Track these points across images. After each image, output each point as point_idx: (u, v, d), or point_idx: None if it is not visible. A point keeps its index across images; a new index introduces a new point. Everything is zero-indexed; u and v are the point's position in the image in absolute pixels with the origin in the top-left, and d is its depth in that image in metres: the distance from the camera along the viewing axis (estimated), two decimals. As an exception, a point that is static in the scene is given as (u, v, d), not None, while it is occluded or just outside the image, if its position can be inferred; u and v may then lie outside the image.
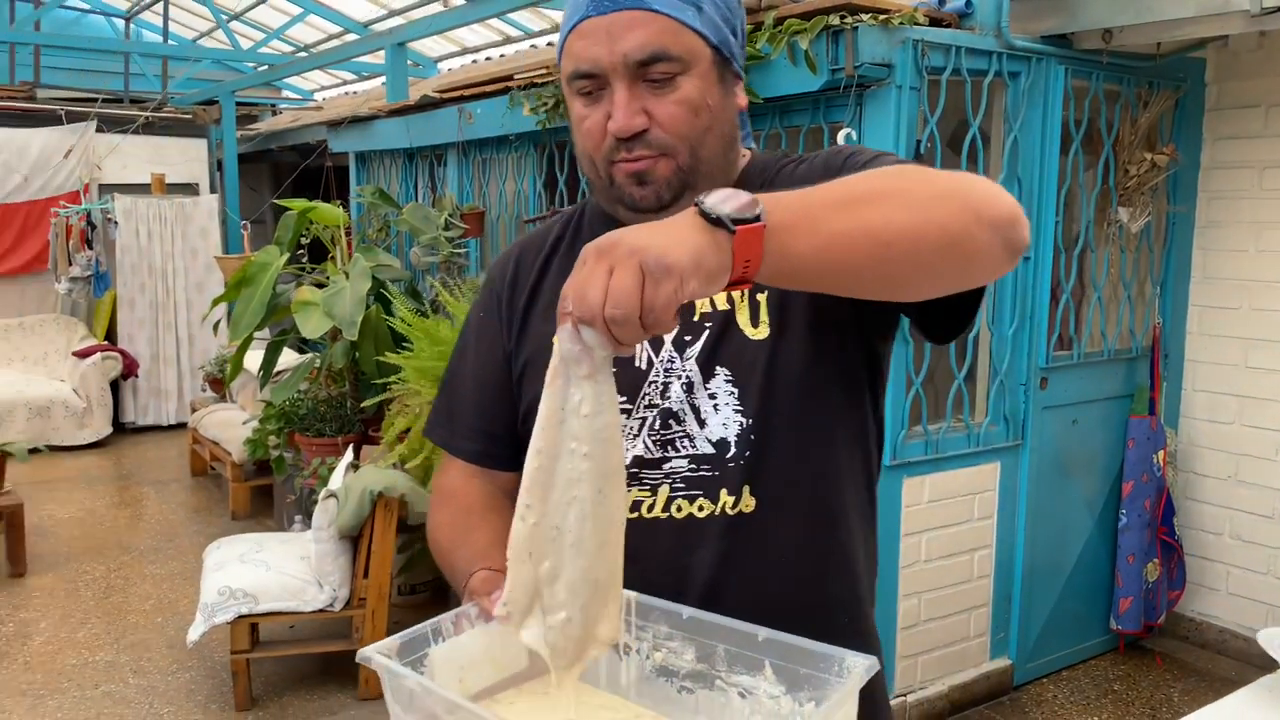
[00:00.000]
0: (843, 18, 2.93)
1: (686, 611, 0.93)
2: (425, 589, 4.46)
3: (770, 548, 1.08)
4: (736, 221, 0.79)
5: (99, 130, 7.97)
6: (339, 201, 5.50)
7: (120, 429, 7.82)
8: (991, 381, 3.49)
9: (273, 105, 9.48)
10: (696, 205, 0.81)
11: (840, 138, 3.09)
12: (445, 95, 5.21)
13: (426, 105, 5.39)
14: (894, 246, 0.86)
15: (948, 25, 3.16)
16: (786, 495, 1.08)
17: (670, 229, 0.79)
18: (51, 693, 3.72)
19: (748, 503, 1.06)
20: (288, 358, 5.86)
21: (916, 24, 3.03)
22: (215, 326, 6.30)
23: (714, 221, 0.79)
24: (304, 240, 5.19)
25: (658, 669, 0.96)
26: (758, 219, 0.80)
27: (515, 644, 0.90)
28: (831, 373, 1.10)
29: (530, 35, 7.07)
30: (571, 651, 0.88)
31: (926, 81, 3.07)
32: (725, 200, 0.80)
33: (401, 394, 4.02)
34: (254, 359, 5.54)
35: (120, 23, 9.35)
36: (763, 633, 0.89)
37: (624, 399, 1.09)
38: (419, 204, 5.19)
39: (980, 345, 3.54)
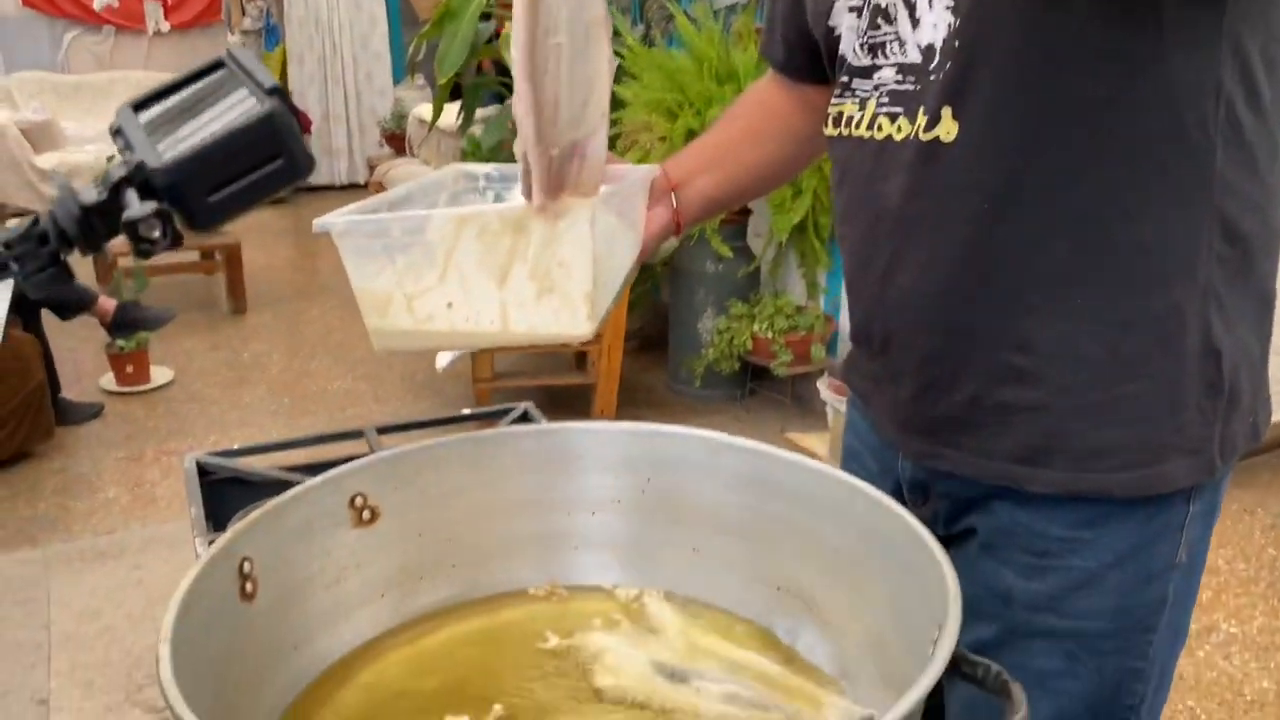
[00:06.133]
0: None
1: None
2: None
3: (964, 200, 0.86)
4: None
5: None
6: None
7: (295, 188, 7.94)
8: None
9: None
10: None
11: None
12: None
13: None
14: None
15: None
16: (993, 133, 0.84)
17: None
18: (302, 414, 3.89)
19: (947, 129, 0.85)
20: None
21: None
22: (411, 67, 6.19)
23: None
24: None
25: None
26: None
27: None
28: None
29: None
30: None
31: None
32: None
33: (630, 129, 3.86)
34: (426, 112, 5.45)
35: None
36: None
37: None
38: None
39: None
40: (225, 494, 1.16)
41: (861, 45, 0.92)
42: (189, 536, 1.09)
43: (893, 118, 0.89)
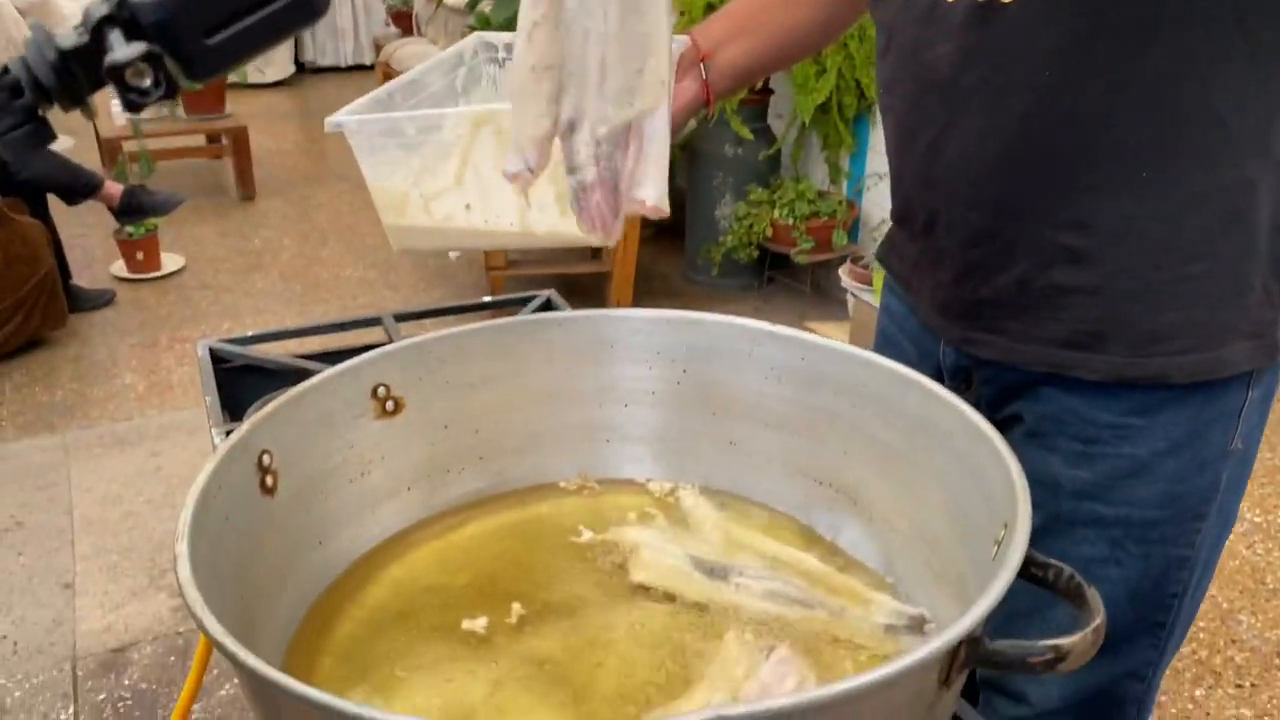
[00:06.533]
0: None
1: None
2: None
3: (1022, 66, 0.79)
4: None
5: None
6: None
7: (300, 69, 7.74)
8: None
9: None
10: None
11: None
12: None
13: None
14: None
15: None
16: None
17: None
18: (315, 302, 3.85)
19: None
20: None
21: None
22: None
23: None
24: None
25: None
26: None
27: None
28: None
29: None
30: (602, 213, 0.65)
31: None
32: None
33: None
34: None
35: None
36: None
37: None
38: None
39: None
40: (241, 382, 1.13)
41: None
42: (206, 424, 1.06)
43: None
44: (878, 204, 3.50)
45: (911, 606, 0.74)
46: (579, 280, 3.79)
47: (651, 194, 0.63)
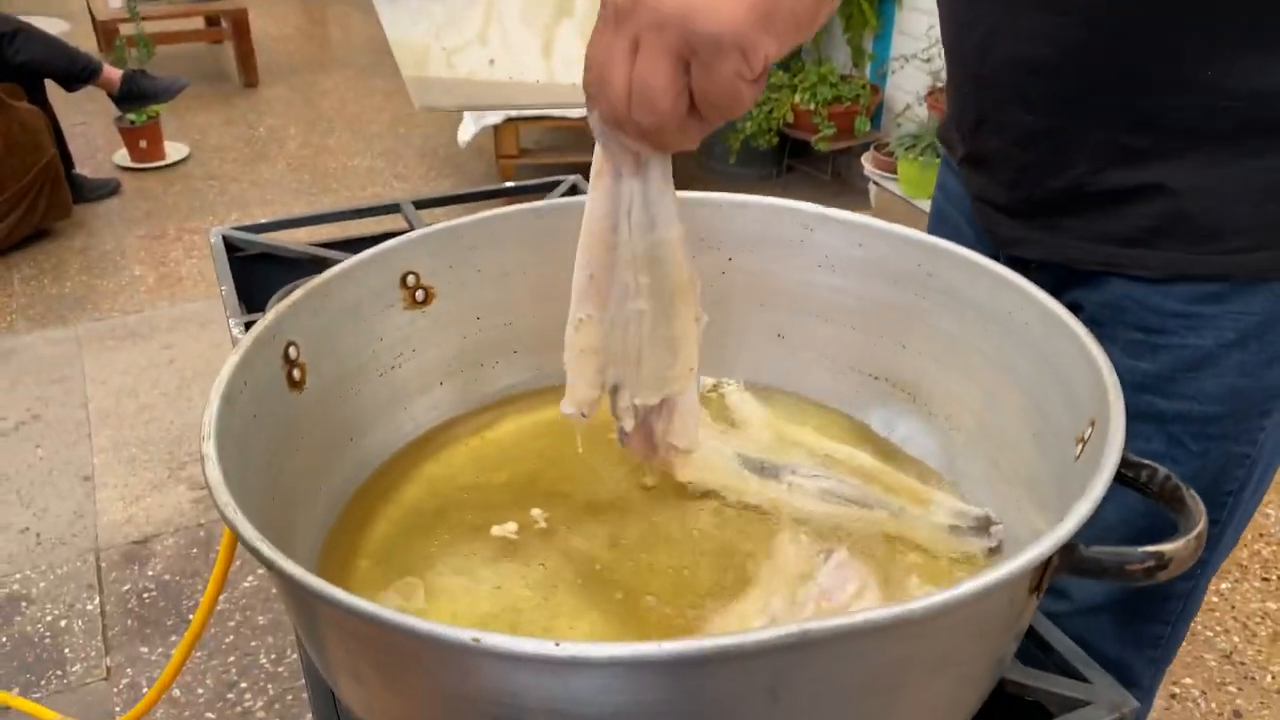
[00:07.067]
0: None
1: None
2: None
3: None
4: None
5: None
6: None
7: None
8: None
9: None
10: None
11: None
12: None
13: None
14: None
15: None
16: None
17: None
18: (323, 191, 3.77)
19: None
20: None
21: None
22: None
23: None
24: None
25: None
26: None
27: None
28: None
29: None
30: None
31: None
32: None
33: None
34: None
35: None
36: None
37: None
38: None
39: None
40: (256, 272, 1.08)
41: None
42: (218, 316, 1.01)
43: None
44: (902, 89, 3.37)
45: (975, 507, 0.70)
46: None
47: (683, 442, 0.70)
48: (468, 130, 3.41)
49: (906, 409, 0.78)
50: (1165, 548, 0.49)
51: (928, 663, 0.48)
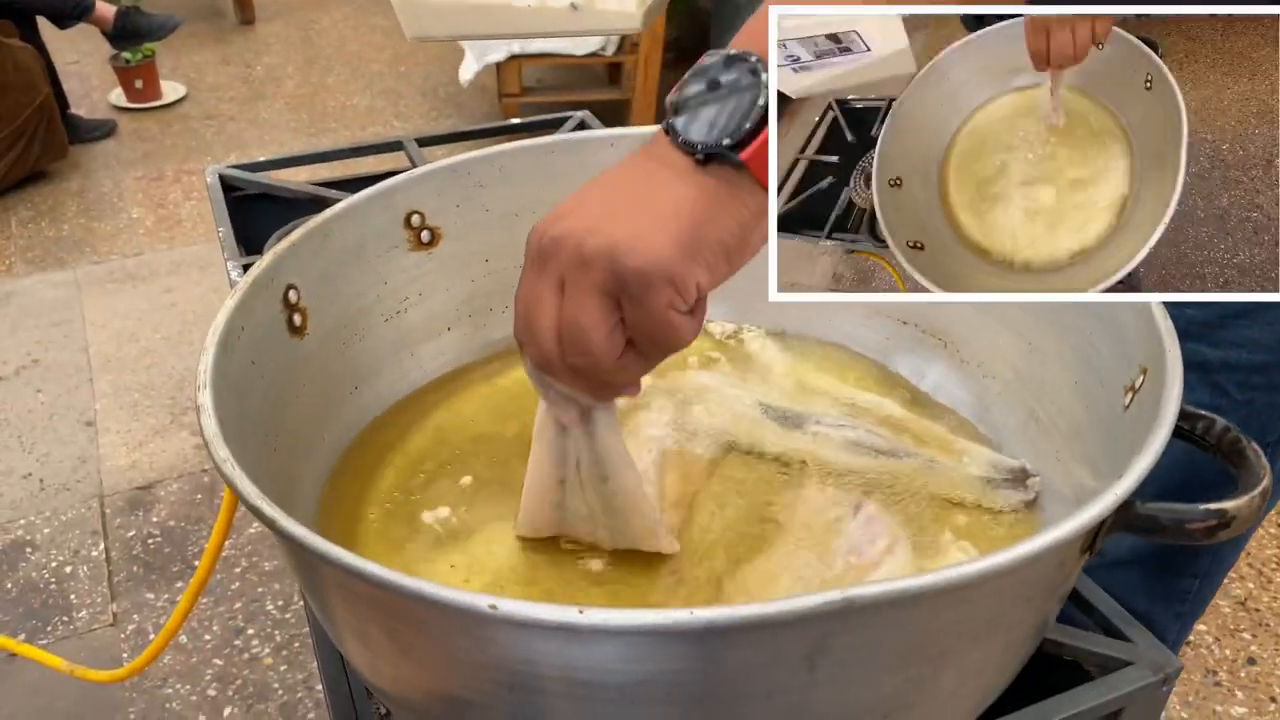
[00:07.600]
0: None
1: None
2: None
3: None
4: (738, 143, 0.47)
5: None
6: None
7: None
8: None
9: None
10: (669, 130, 0.50)
11: None
12: None
13: None
14: None
15: None
16: None
17: (638, 188, 0.50)
18: (322, 131, 3.69)
19: None
20: None
21: None
22: None
23: (704, 159, 0.48)
24: None
25: None
26: (764, 116, 0.47)
27: None
28: None
29: None
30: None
31: None
32: (710, 104, 0.49)
33: None
34: None
35: None
36: None
37: None
38: None
39: None
40: (254, 212, 1.04)
41: None
42: (219, 259, 0.97)
43: None
44: (916, 25, 3.28)
45: (1011, 458, 0.67)
46: (597, 107, 3.61)
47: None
48: (469, 68, 3.34)
49: (938, 355, 0.74)
50: (1228, 505, 0.46)
51: (974, 628, 0.45)
